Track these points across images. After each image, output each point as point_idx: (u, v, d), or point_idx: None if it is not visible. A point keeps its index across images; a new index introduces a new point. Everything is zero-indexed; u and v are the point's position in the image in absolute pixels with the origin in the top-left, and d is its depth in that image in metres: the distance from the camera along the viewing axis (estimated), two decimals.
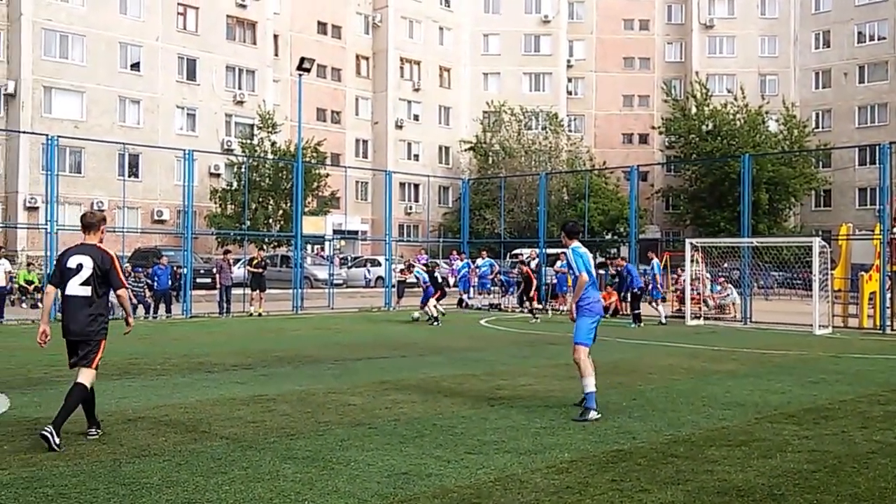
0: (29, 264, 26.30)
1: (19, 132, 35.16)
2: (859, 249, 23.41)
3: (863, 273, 21.00)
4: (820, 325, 18.69)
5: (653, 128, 56.74)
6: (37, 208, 36.88)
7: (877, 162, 23.88)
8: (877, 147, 22.95)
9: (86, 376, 6.63)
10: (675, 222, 55.49)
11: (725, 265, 25.52)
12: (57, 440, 6.20)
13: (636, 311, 20.39)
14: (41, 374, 10.25)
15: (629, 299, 21.36)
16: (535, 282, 22.36)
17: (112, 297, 6.91)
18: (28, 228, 33.75)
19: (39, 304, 22.31)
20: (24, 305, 24.07)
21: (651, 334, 17.99)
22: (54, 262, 7.08)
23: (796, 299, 26.15)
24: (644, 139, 60.13)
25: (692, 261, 21.85)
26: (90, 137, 33.37)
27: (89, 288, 6.59)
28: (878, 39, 55.10)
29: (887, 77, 54.40)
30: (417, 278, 20.98)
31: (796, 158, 49.25)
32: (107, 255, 6.68)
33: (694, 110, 51.33)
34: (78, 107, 40.32)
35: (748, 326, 20.79)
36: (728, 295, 24.21)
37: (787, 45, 59.00)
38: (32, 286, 24.56)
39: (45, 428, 6.27)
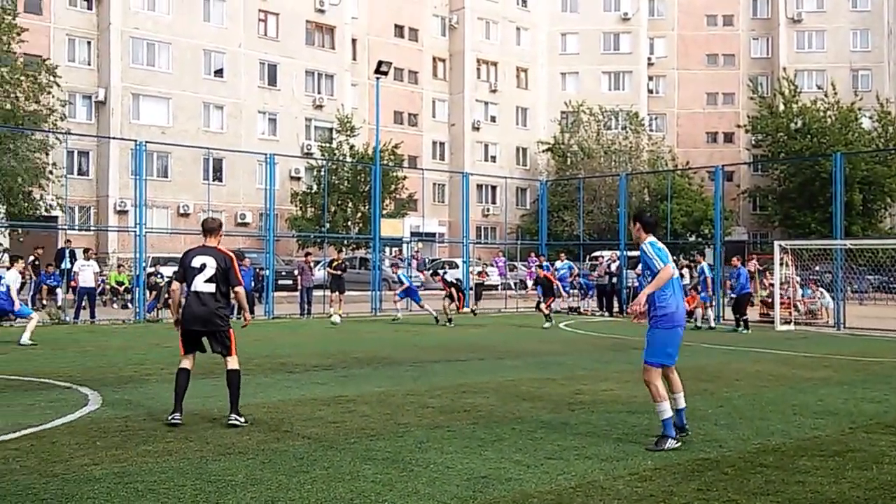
0: (119, 266, 27.35)
1: (109, 138, 36.62)
2: None
3: None
4: None
5: (738, 126, 55.06)
6: (126, 212, 38.38)
7: None
8: None
9: (233, 362, 7.54)
10: (763, 224, 53.79)
11: (817, 268, 24.51)
12: (241, 419, 7.25)
13: (743, 318, 19.41)
14: (131, 373, 10.61)
15: (734, 304, 20.35)
16: (555, 285, 21.53)
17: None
18: (118, 231, 35.13)
19: (129, 305, 23.18)
20: (115, 306, 24.98)
21: (738, 340, 17.45)
22: (178, 262, 7.74)
23: (893, 304, 24.92)
24: (729, 138, 58.51)
25: (781, 264, 21.07)
26: (176, 142, 34.53)
27: (213, 285, 7.32)
28: None
29: None
30: (400, 280, 21.18)
31: (892, 157, 46.96)
32: (228, 255, 7.49)
33: (782, 107, 49.64)
34: (164, 113, 41.82)
35: (842, 332, 19.93)
36: (819, 299, 23.27)
37: (881, 38, 56.42)
38: (123, 287, 25.44)
39: (229, 417, 7.27)
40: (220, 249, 7.47)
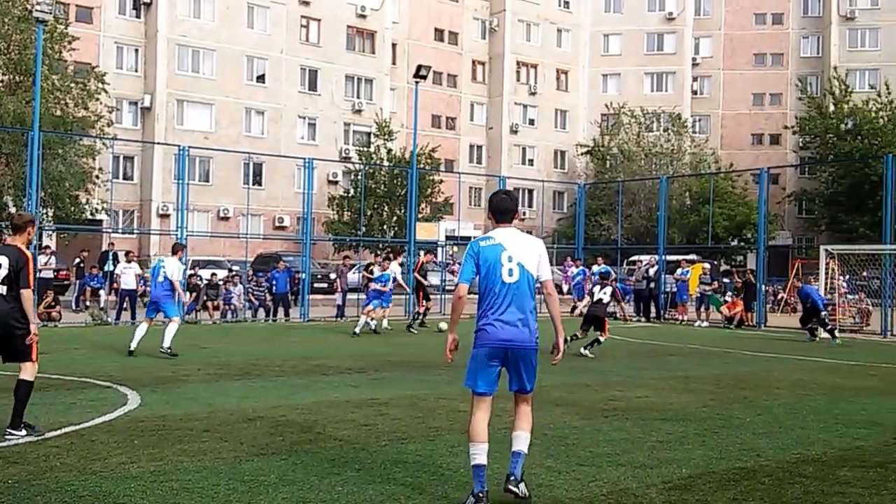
0: None
1: (154, 143, 37.33)
2: None
3: None
4: None
5: (785, 127, 53.98)
6: (168, 215, 39.10)
7: None
8: None
9: (28, 372, 6.78)
10: (809, 228, 52.61)
11: (864, 274, 23.92)
12: (19, 433, 6.63)
13: (828, 327, 18.55)
14: (169, 373, 10.77)
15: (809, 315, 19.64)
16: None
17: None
18: (160, 234, 35.75)
19: None
20: None
21: (779, 347, 17.09)
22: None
23: None
24: (775, 140, 57.32)
25: (827, 269, 20.61)
26: (218, 147, 35.05)
27: (5, 287, 6.65)
28: None
29: None
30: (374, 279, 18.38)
31: None
32: (24, 255, 6.75)
33: (832, 108, 48.42)
34: (207, 118, 42.49)
35: (889, 339, 19.42)
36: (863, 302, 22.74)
37: None
38: None
39: (5, 431, 6.61)
40: (19, 248, 6.78)
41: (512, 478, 5.15)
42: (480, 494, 4.97)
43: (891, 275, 21.03)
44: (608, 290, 14.84)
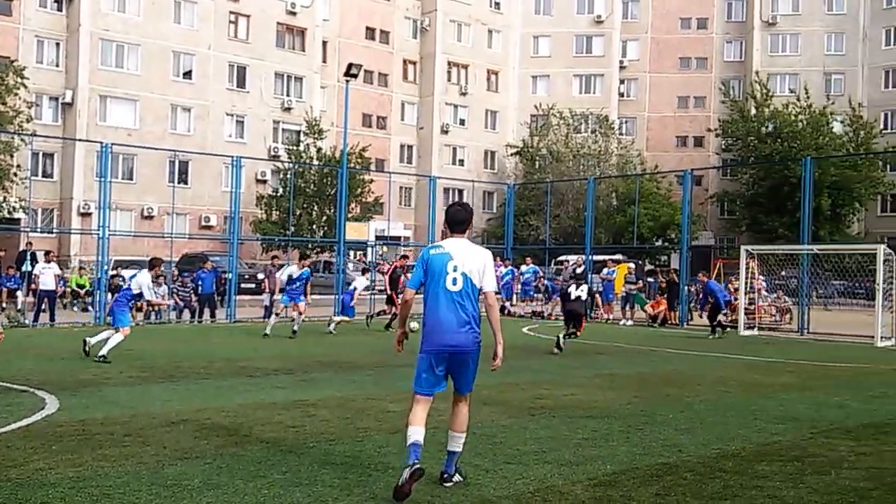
0: (81, 269, 26.93)
1: (75, 140, 36.09)
2: None
3: None
4: (882, 337, 18.12)
5: (709, 130, 55.47)
6: (90, 214, 37.83)
7: None
8: None
9: None
10: (731, 228, 54.23)
11: (783, 273, 24.83)
12: None
13: (716, 323, 19.44)
14: (89, 377, 10.42)
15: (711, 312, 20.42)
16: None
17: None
18: (81, 234, 34.60)
19: (90, 308, 22.86)
20: (75, 308, 24.64)
21: (702, 346, 17.59)
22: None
23: (858, 310, 25.34)
24: (699, 142, 58.81)
25: (747, 269, 21.30)
26: (143, 145, 34.13)
27: None
28: None
29: None
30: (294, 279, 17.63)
31: (862, 161, 47.37)
32: None
33: (753, 111, 49.96)
34: (132, 115, 41.28)
35: (805, 337, 20.20)
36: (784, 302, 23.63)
37: (856, 42, 56.50)
38: (84, 290, 25.15)
39: None
40: None
41: (445, 475, 5.55)
42: (415, 464, 5.19)
43: (808, 274, 21.90)
44: (584, 287, 15.46)
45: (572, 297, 15.13)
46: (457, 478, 5.58)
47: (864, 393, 10.40)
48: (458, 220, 5.63)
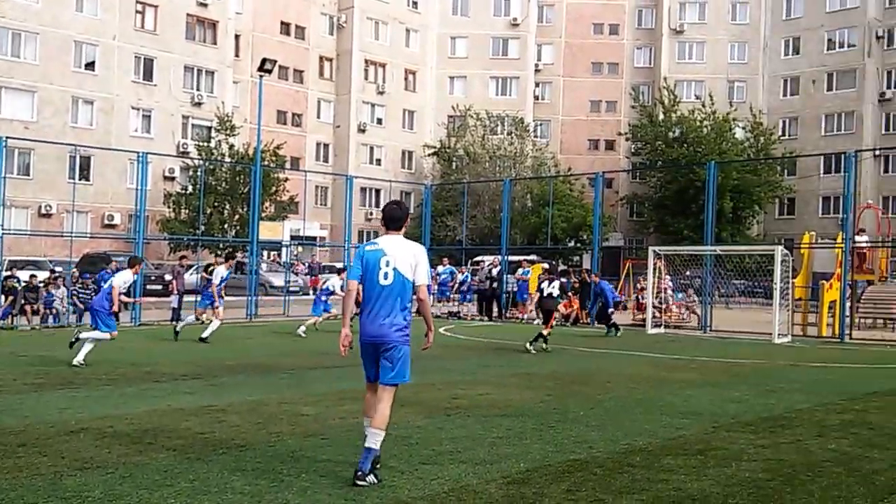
0: None
1: None
2: (821, 258, 23.78)
3: (823, 282, 21.32)
4: (779, 334, 18.88)
5: (619, 134, 56.88)
6: None
7: (841, 170, 24.34)
8: (842, 155, 23.25)
9: None
10: (639, 230, 55.80)
11: (687, 273, 25.70)
12: None
13: (612, 322, 20.16)
14: None
15: (599, 312, 21.14)
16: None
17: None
18: None
19: None
20: None
21: (611, 344, 18.02)
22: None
23: (757, 308, 26.41)
24: (610, 146, 60.14)
25: (654, 269, 21.94)
26: (40, 139, 32.64)
27: None
28: (848, 47, 55.09)
29: (855, 85, 54.54)
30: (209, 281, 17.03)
31: (761, 166, 49.63)
32: None
33: (661, 116, 51.51)
34: (29, 107, 39.48)
35: (708, 335, 20.94)
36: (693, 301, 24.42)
37: (757, 51, 58.81)
38: None
39: None
40: None
41: (359, 472, 5.54)
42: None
43: (711, 274, 22.75)
44: (556, 283, 15.61)
45: (545, 293, 15.46)
46: (371, 478, 5.54)
47: (762, 388, 10.84)
48: (393, 218, 5.97)
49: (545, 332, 15.19)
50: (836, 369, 13.54)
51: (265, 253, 39.82)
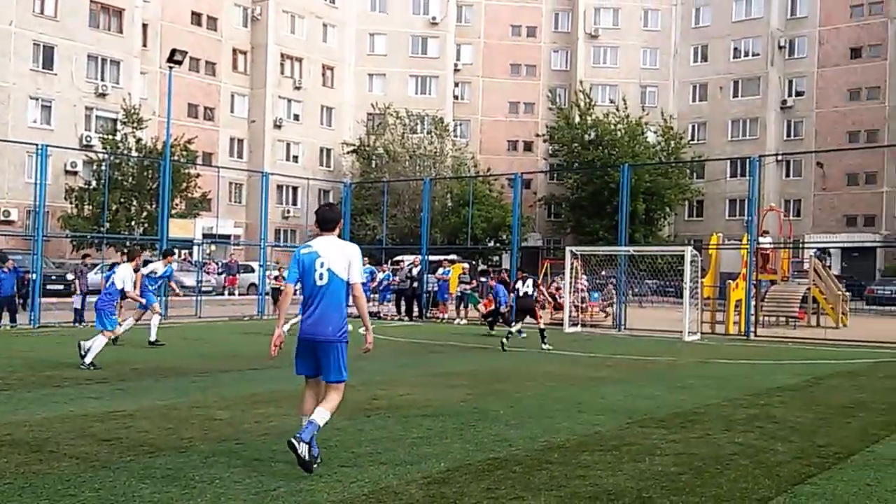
0: None
1: None
2: (727, 258, 24.71)
3: (730, 281, 22.14)
4: (689, 332, 19.44)
5: (537, 135, 57.67)
6: None
7: (747, 174, 25.36)
8: (747, 160, 24.12)
9: None
10: (557, 230, 56.77)
11: (603, 273, 26.25)
12: None
13: (490, 319, 20.59)
14: None
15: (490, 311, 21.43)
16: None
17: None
18: None
19: None
20: None
21: (530, 342, 18.21)
22: None
23: (668, 306, 27.17)
24: (529, 147, 60.80)
25: (572, 269, 22.31)
26: None
27: None
28: (753, 55, 57.32)
29: (759, 92, 56.80)
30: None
31: (672, 169, 51.24)
32: None
33: (577, 119, 52.53)
34: None
35: (623, 333, 21.43)
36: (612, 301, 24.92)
37: (668, 57, 60.46)
38: None
39: None
40: None
41: (297, 436, 5.79)
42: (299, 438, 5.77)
43: (625, 274, 23.33)
44: (529, 282, 16.22)
45: (521, 293, 15.97)
46: (303, 449, 5.68)
47: (674, 384, 11.16)
48: (326, 220, 6.22)
49: (542, 326, 16.04)
50: (743, 365, 14.04)
51: (176, 252, 38.73)
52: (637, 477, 5.89)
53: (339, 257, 6.06)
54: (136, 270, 13.43)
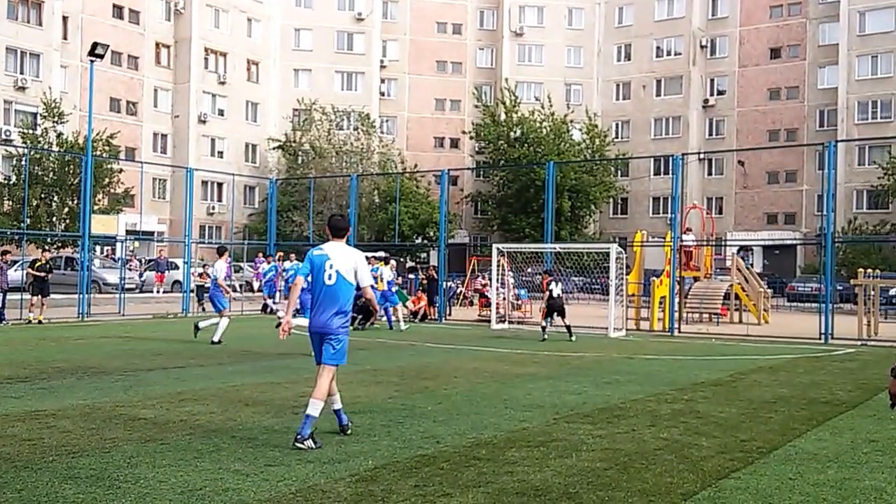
0: None
1: None
2: (652, 255, 25.25)
3: (654, 278, 22.66)
4: (615, 328, 19.80)
5: (463, 132, 57.86)
6: None
7: (670, 172, 25.99)
8: (670, 158, 24.77)
9: None
10: (484, 227, 57.10)
11: (529, 270, 26.54)
12: None
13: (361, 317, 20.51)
14: None
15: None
16: None
17: None
18: None
19: None
20: None
21: (458, 339, 18.37)
22: None
23: (594, 303, 27.58)
24: (455, 144, 60.94)
25: (498, 266, 22.53)
26: None
27: None
28: (675, 55, 58.61)
29: (681, 91, 58.14)
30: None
31: (597, 167, 51.98)
32: None
33: (503, 117, 52.89)
34: None
35: (549, 330, 21.71)
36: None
37: (592, 56, 61.26)
38: None
39: None
40: None
41: (298, 436, 6.60)
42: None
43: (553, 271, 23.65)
44: (560, 285, 18.30)
45: (554, 294, 17.91)
46: (309, 443, 6.51)
47: (600, 380, 11.40)
48: (338, 228, 7.15)
49: (567, 323, 18.17)
50: (667, 361, 14.36)
51: (98, 248, 37.57)
52: (564, 472, 5.99)
53: (347, 261, 6.99)
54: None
